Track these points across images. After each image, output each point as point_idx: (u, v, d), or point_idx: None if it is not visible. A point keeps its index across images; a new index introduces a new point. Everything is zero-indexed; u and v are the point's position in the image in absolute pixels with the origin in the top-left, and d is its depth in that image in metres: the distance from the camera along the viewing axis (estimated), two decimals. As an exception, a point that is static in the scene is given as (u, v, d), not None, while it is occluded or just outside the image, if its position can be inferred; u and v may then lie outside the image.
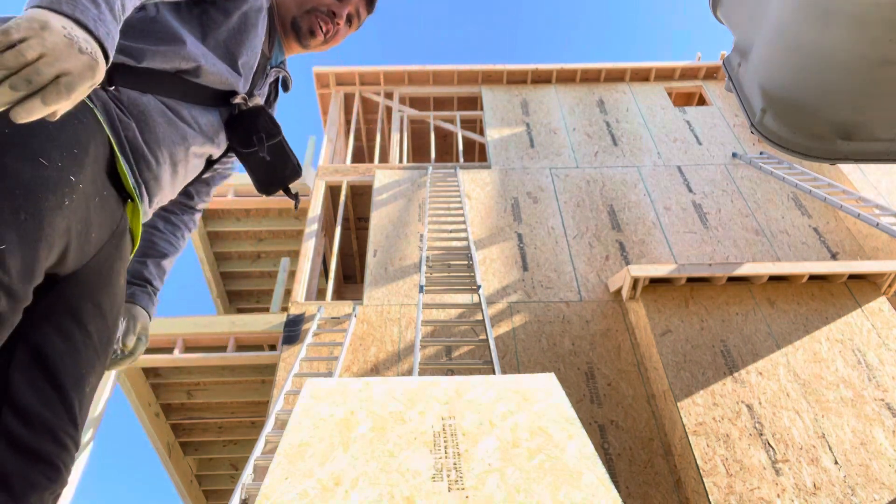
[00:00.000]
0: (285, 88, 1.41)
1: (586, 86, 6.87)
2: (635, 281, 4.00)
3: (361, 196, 6.09)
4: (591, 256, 4.82)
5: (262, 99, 1.30)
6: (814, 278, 4.04)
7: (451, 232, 4.82)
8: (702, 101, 7.04)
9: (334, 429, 1.42)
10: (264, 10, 1.23)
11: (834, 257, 4.78)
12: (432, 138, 6.34)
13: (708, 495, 3.02)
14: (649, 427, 3.67)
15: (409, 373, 3.88)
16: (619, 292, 4.35)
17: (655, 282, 4.04)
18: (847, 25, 1.08)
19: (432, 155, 6.12)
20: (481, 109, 6.68)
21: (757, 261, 4.72)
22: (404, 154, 6.29)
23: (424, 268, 4.27)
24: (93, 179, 0.86)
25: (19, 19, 0.63)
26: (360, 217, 6.41)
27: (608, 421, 3.69)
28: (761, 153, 5.78)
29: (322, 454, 1.31)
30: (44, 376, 0.84)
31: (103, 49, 0.70)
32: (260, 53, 1.25)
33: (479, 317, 4.07)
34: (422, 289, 4.03)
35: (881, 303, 3.92)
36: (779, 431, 3.27)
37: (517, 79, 6.92)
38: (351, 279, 7.10)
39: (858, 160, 1.29)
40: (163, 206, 1.26)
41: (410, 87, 7.09)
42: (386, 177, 5.66)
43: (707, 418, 3.34)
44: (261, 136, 1.21)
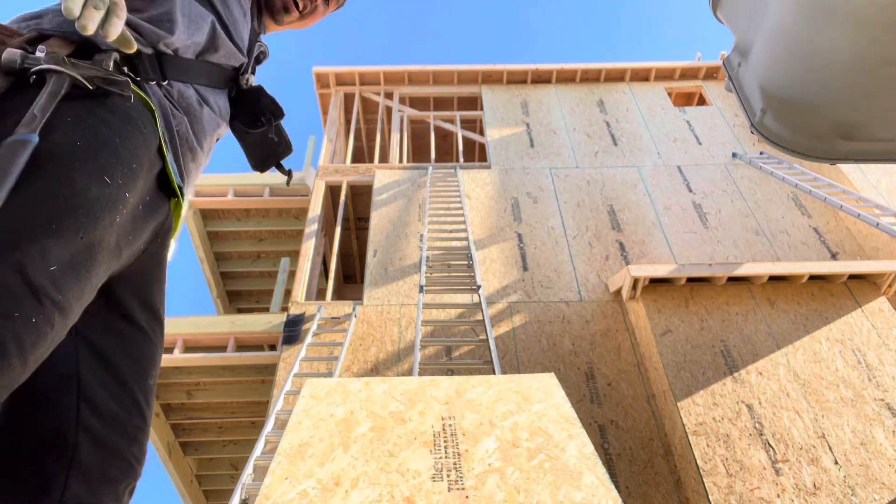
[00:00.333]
0: (258, 62, 1.40)
1: (586, 86, 6.87)
2: (635, 281, 4.00)
3: (361, 196, 6.09)
4: (591, 256, 4.82)
5: (254, 77, 1.29)
6: (814, 278, 4.04)
7: (451, 232, 4.82)
8: (702, 101, 7.04)
9: (334, 429, 1.42)
10: None
11: (834, 257, 4.78)
12: (432, 138, 6.33)
13: (708, 495, 3.02)
14: (649, 427, 3.67)
15: (409, 373, 3.88)
16: (619, 292, 4.35)
17: (655, 282, 4.04)
18: (847, 25, 1.08)
19: (432, 155, 6.12)
20: (481, 109, 6.68)
21: (757, 261, 4.72)
22: (404, 154, 6.29)
23: (424, 268, 4.27)
24: (143, 188, 0.87)
25: None
26: (360, 217, 6.41)
27: (608, 421, 3.69)
28: (761, 153, 5.78)
29: (322, 454, 1.31)
30: (109, 374, 0.86)
31: None
32: (250, 28, 1.23)
33: (479, 317, 4.07)
34: (422, 289, 4.03)
35: (881, 303, 3.92)
36: (779, 431, 3.27)
37: (517, 79, 6.92)
38: (351, 279, 7.10)
39: (858, 160, 1.29)
40: None
41: (410, 87, 7.09)
42: (386, 177, 5.66)
43: (707, 418, 3.34)
44: (269, 117, 1.21)
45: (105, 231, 0.75)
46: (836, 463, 3.12)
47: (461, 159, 6.19)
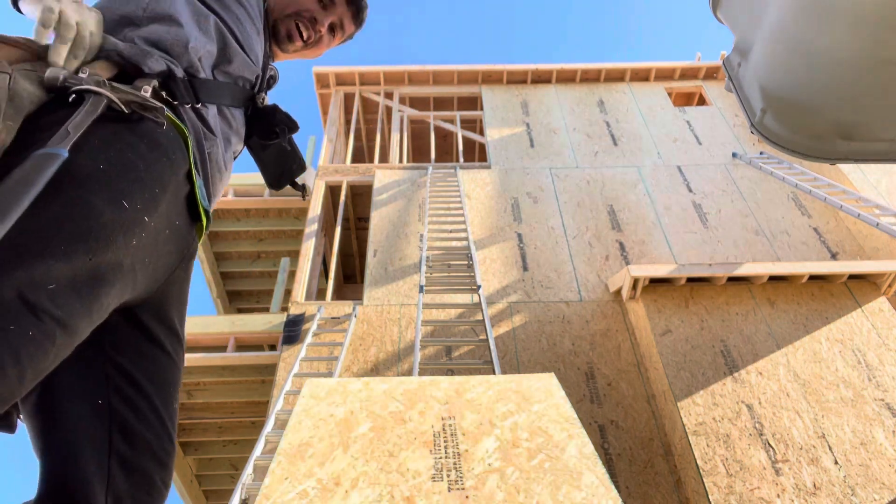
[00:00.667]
0: (269, 86, 1.44)
1: (586, 86, 6.87)
2: (635, 281, 4.00)
3: (361, 196, 6.09)
4: (591, 256, 4.82)
5: (268, 98, 1.33)
6: (814, 278, 4.04)
7: (451, 232, 4.82)
8: (702, 101, 7.04)
9: (334, 429, 1.42)
10: (262, 4, 1.25)
11: (834, 257, 4.78)
12: (432, 138, 6.33)
13: (708, 495, 3.02)
14: (649, 427, 3.66)
15: (409, 373, 3.88)
16: (619, 292, 4.35)
17: (655, 282, 4.04)
18: (847, 25, 1.08)
19: (432, 155, 6.12)
20: (481, 109, 6.68)
21: (757, 261, 4.72)
22: (404, 154, 6.29)
23: (424, 268, 4.27)
24: (167, 213, 0.88)
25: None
26: (360, 217, 6.41)
27: (608, 421, 3.69)
28: (761, 153, 5.78)
29: (322, 454, 1.31)
30: (139, 399, 0.89)
31: None
32: (263, 49, 1.27)
33: (479, 317, 4.06)
34: (422, 289, 4.03)
35: (881, 303, 3.92)
36: (779, 431, 3.27)
37: (517, 79, 6.92)
38: (351, 279, 7.09)
39: (858, 160, 1.29)
40: None
41: (410, 87, 7.09)
42: (386, 177, 5.66)
43: (707, 418, 3.34)
44: (283, 129, 1.25)
45: (118, 254, 0.75)
46: (836, 463, 3.12)
47: (461, 159, 6.19)
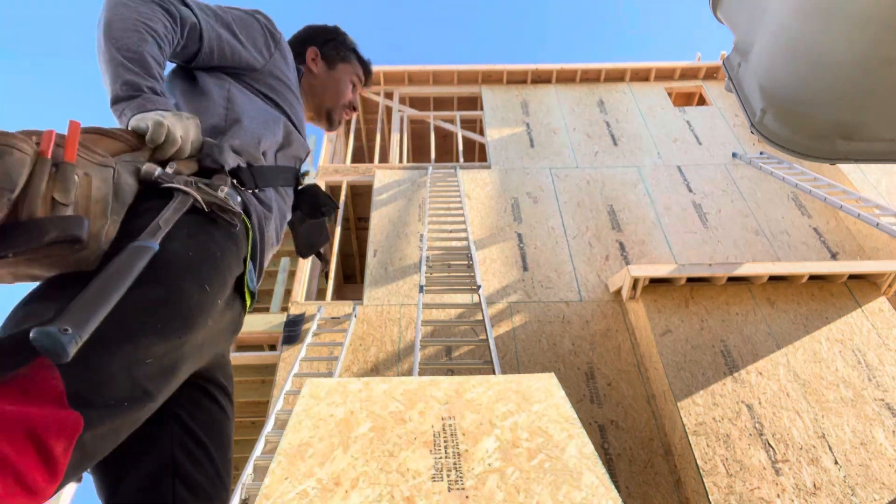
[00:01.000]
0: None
1: (586, 86, 6.87)
2: (635, 281, 4.00)
3: (361, 196, 6.09)
4: (591, 256, 4.82)
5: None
6: (814, 278, 4.04)
7: (451, 232, 4.82)
8: (702, 101, 7.04)
9: (334, 429, 1.42)
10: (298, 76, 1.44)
11: (834, 257, 4.78)
12: (432, 138, 6.33)
13: (708, 495, 3.02)
14: (649, 427, 3.66)
15: (409, 373, 3.88)
16: (619, 292, 4.35)
17: (655, 282, 4.04)
18: (847, 25, 1.08)
19: (432, 155, 6.12)
20: (481, 109, 6.68)
21: (757, 261, 4.72)
22: (404, 154, 6.29)
23: (424, 268, 4.27)
24: (230, 295, 1.00)
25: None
26: (360, 217, 6.41)
27: (608, 421, 3.69)
28: (761, 153, 5.78)
29: (322, 454, 1.32)
30: (199, 451, 0.99)
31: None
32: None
33: (479, 317, 4.06)
34: (422, 289, 4.03)
35: (881, 303, 3.92)
36: (779, 431, 3.27)
37: (517, 79, 6.92)
38: (351, 279, 7.09)
39: (858, 160, 1.29)
40: None
41: (410, 87, 7.09)
42: (386, 177, 5.66)
43: (707, 418, 3.34)
44: (328, 209, 1.39)
45: (200, 333, 0.86)
46: (836, 463, 3.12)
47: (461, 159, 6.19)
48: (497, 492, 1.58)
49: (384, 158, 7.96)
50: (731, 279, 4.03)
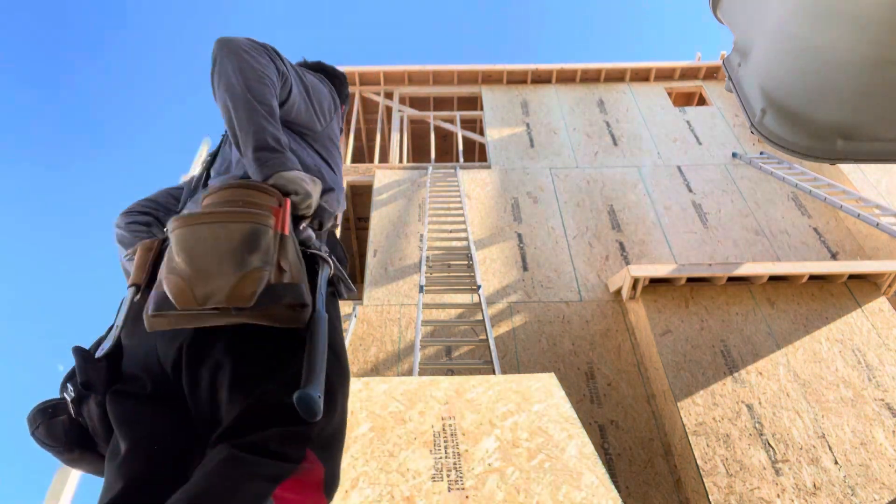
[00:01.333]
0: None
1: (586, 86, 6.87)
2: (635, 281, 4.00)
3: (361, 196, 6.09)
4: (591, 256, 4.82)
5: None
6: (814, 278, 4.04)
7: (451, 232, 4.82)
8: (702, 101, 7.04)
9: (334, 429, 1.42)
10: None
11: (834, 257, 4.78)
12: (432, 138, 6.33)
13: (708, 495, 3.02)
14: (649, 427, 3.67)
15: (409, 373, 3.88)
16: (619, 292, 4.35)
17: (655, 282, 4.04)
18: (847, 25, 1.08)
19: (432, 155, 6.12)
20: (481, 109, 6.68)
21: (757, 261, 4.72)
22: (404, 154, 6.29)
23: (424, 268, 4.27)
24: None
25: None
26: (360, 217, 6.41)
27: (608, 421, 3.69)
28: (761, 153, 5.78)
29: (322, 454, 1.31)
30: None
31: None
32: None
33: (479, 317, 4.06)
34: (422, 289, 4.03)
35: (881, 303, 3.92)
36: (779, 431, 3.27)
37: (517, 79, 6.92)
38: (351, 279, 7.08)
39: (858, 160, 1.29)
40: None
41: (410, 87, 7.09)
42: (386, 177, 5.66)
43: (707, 418, 3.34)
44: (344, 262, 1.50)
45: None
46: (836, 463, 3.12)
47: (461, 159, 6.19)
48: (497, 492, 1.58)
49: (384, 158, 7.96)
50: (731, 279, 4.03)
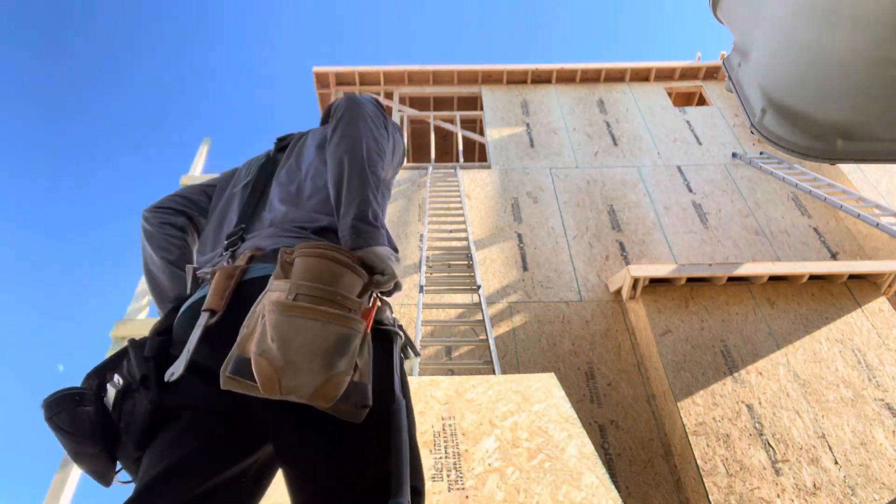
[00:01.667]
0: None
1: (586, 86, 6.87)
2: (635, 281, 4.00)
3: (361, 196, 6.08)
4: (591, 256, 4.82)
5: None
6: (814, 278, 4.04)
7: (451, 232, 4.82)
8: (702, 101, 7.04)
9: (334, 429, 1.42)
10: None
11: (834, 257, 4.78)
12: (432, 138, 6.34)
13: (708, 495, 3.02)
14: (649, 427, 3.67)
15: (409, 373, 3.88)
16: (619, 292, 4.35)
17: (655, 282, 4.04)
18: (848, 25, 1.08)
19: (432, 155, 6.12)
20: (481, 109, 6.68)
21: (757, 261, 4.72)
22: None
23: (424, 268, 4.28)
24: None
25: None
26: (360, 217, 6.39)
27: (608, 421, 3.69)
28: (761, 153, 5.78)
29: (322, 454, 1.31)
30: None
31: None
32: None
33: (479, 317, 4.06)
34: (422, 289, 4.03)
35: (881, 303, 3.92)
36: (779, 431, 3.27)
37: (517, 79, 6.92)
38: (351, 279, 7.09)
39: (858, 160, 1.29)
40: None
41: (410, 87, 7.09)
42: (386, 177, 5.66)
43: (707, 418, 3.34)
44: None
45: None
46: (836, 463, 3.12)
47: (461, 159, 6.19)
48: (497, 492, 1.58)
49: (384, 158, 7.95)
50: (731, 279, 4.03)
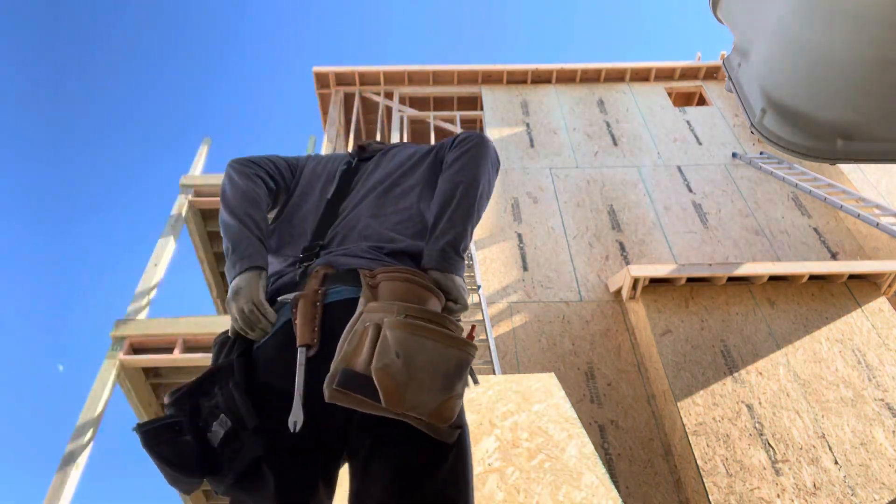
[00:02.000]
0: None
1: (586, 86, 6.87)
2: (635, 281, 4.00)
3: (361, 196, 6.08)
4: (591, 256, 4.82)
5: None
6: (814, 278, 4.04)
7: (451, 232, 4.80)
8: (702, 101, 7.04)
9: (334, 429, 1.42)
10: None
11: (834, 257, 4.78)
12: (432, 138, 6.33)
13: (708, 495, 3.02)
14: (649, 427, 3.67)
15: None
16: (619, 292, 4.35)
17: (655, 282, 4.04)
18: (848, 25, 1.08)
19: (432, 155, 6.11)
20: (481, 109, 6.68)
21: (757, 261, 4.72)
22: (404, 154, 6.28)
23: (424, 268, 4.25)
24: None
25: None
26: (360, 217, 6.39)
27: (608, 421, 3.69)
28: (761, 153, 5.78)
29: (322, 454, 1.31)
30: None
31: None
32: None
33: (480, 317, 4.07)
34: (422, 289, 4.01)
35: (881, 303, 3.92)
36: (779, 431, 3.27)
37: (517, 79, 6.92)
38: (351, 279, 7.08)
39: (858, 160, 1.29)
40: None
41: (410, 87, 7.09)
42: (386, 177, 5.66)
43: (707, 418, 3.34)
44: None
45: None
46: (836, 463, 3.12)
47: (461, 159, 6.18)
48: (497, 492, 1.58)
49: (384, 158, 7.95)
50: (731, 279, 4.03)
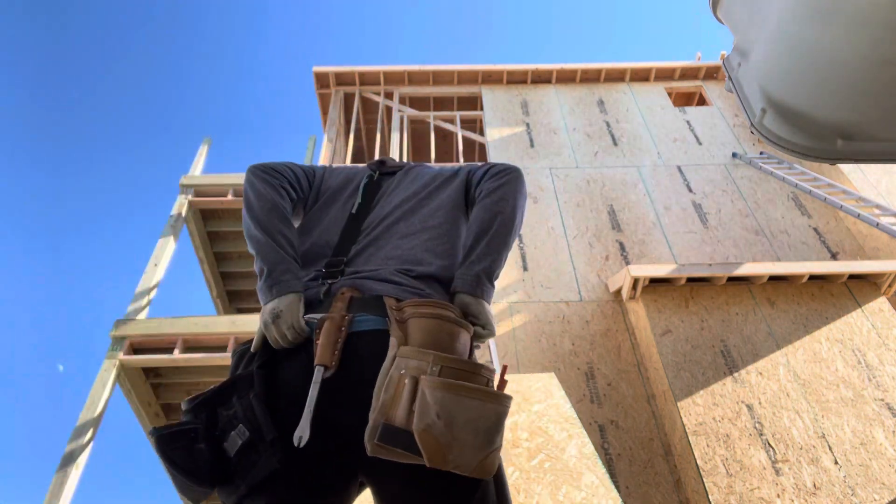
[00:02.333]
0: None
1: (586, 86, 6.87)
2: (635, 281, 4.00)
3: (361, 196, 6.08)
4: (591, 256, 4.82)
5: None
6: (814, 278, 4.04)
7: (451, 232, 4.81)
8: (702, 101, 7.04)
9: (334, 429, 1.42)
10: None
11: (834, 257, 4.78)
12: (432, 138, 6.33)
13: (708, 495, 3.02)
14: (649, 427, 3.67)
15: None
16: (619, 292, 4.35)
17: (655, 282, 4.04)
18: (847, 25, 1.08)
19: (432, 155, 6.11)
20: (481, 109, 6.68)
21: (757, 261, 4.72)
22: (404, 154, 6.28)
23: (424, 268, 4.25)
24: None
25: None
26: (360, 217, 6.38)
27: (608, 421, 3.69)
28: (761, 153, 5.78)
29: (322, 454, 1.31)
30: None
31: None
32: None
33: (479, 317, 4.07)
34: (422, 289, 4.01)
35: (881, 303, 3.92)
36: (779, 431, 3.27)
37: (517, 79, 6.92)
38: (351, 279, 7.08)
39: (858, 160, 1.29)
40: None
41: (410, 87, 7.09)
42: (386, 177, 5.65)
43: (707, 418, 3.34)
44: None
45: None
46: (836, 463, 3.12)
47: (461, 159, 6.19)
48: (497, 492, 1.57)
49: (384, 158, 7.94)
50: (731, 279, 4.03)
